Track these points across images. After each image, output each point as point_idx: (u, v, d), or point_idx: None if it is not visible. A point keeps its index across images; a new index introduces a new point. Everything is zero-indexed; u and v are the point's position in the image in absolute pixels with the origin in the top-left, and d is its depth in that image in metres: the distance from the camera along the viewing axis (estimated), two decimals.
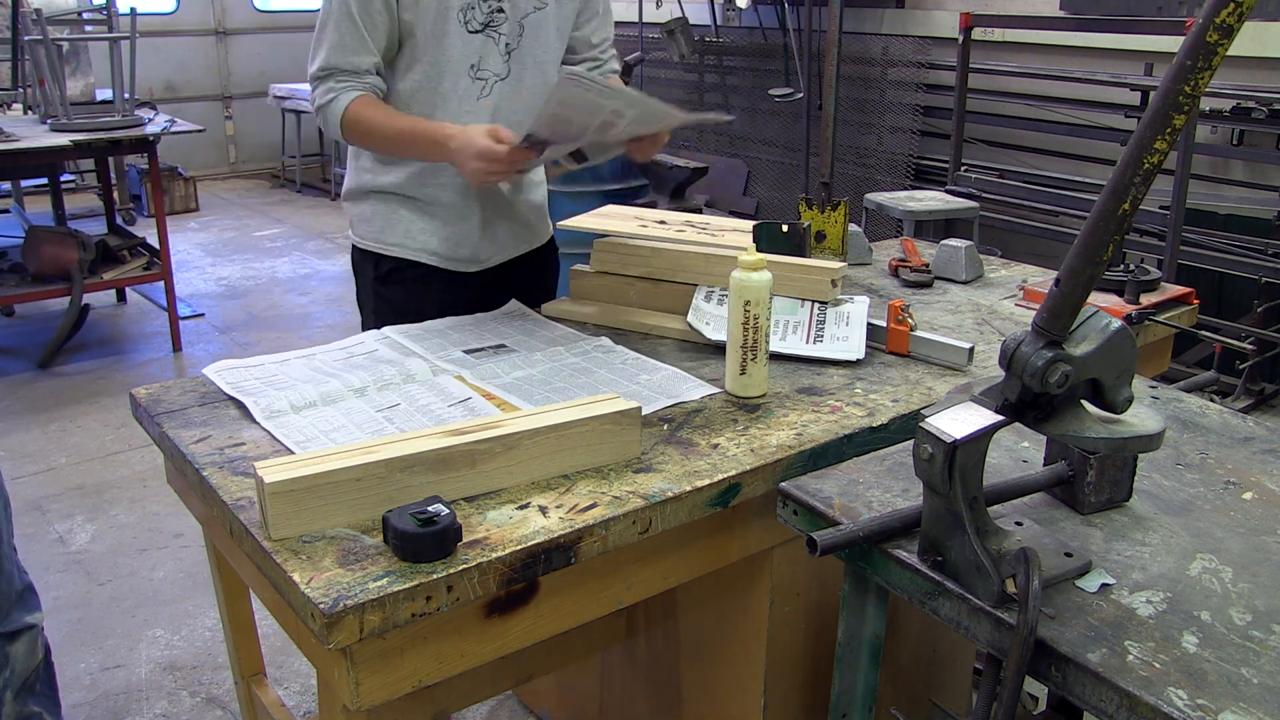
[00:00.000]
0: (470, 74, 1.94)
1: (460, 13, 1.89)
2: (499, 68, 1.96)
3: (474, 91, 1.96)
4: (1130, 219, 0.99)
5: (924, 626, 1.81)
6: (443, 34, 1.90)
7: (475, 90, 1.96)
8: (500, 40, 1.94)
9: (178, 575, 3.02)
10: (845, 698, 1.33)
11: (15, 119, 4.88)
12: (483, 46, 1.93)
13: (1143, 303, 2.11)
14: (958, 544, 1.10)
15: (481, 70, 1.95)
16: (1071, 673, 1.01)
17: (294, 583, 1.16)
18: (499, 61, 1.96)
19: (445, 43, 1.91)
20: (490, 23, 1.92)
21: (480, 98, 1.97)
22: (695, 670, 1.78)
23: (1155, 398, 1.62)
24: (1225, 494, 1.33)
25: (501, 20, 1.93)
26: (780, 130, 6.33)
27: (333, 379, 1.66)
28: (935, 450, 1.07)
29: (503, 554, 1.21)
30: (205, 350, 4.96)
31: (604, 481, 1.38)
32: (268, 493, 1.22)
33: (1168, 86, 0.92)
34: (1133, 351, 1.07)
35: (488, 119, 1.94)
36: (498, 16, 1.92)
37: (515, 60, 1.98)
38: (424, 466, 1.29)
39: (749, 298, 1.59)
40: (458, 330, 1.91)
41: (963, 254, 2.33)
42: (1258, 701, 0.94)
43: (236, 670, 1.94)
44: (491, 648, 1.29)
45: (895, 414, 1.60)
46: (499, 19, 1.93)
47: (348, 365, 1.74)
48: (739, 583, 1.61)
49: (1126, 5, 4.54)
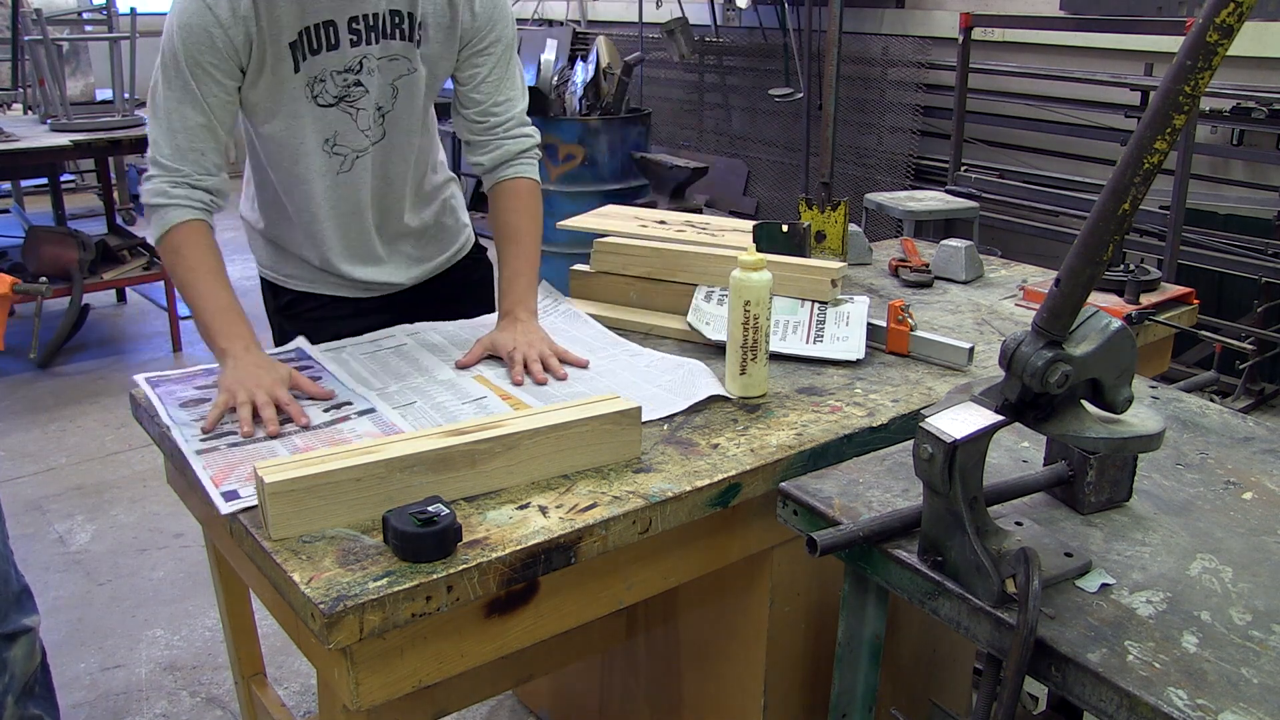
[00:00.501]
0: (325, 149, 1.79)
1: (307, 87, 1.72)
2: (358, 141, 1.81)
3: (333, 166, 1.82)
4: (1130, 219, 0.98)
5: (924, 626, 1.81)
6: (292, 113, 1.74)
7: (334, 165, 1.82)
8: (360, 113, 1.78)
9: (178, 575, 3.02)
10: (845, 698, 1.33)
11: (15, 119, 4.88)
12: (338, 120, 1.77)
13: (1143, 303, 2.11)
14: (958, 544, 1.10)
15: (339, 145, 1.80)
16: (1071, 673, 1.01)
17: (294, 583, 1.16)
18: (358, 135, 1.80)
19: (296, 118, 1.75)
20: (345, 96, 1.75)
21: (340, 172, 1.83)
22: (695, 670, 1.78)
23: (1155, 398, 1.62)
24: (1225, 494, 1.33)
25: (360, 94, 1.76)
26: (780, 130, 6.33)
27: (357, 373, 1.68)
28: (935, 450, 1.07)
29: (503, 554, 1.21)
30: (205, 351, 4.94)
31: (604, 481, 1.38)
32: (268, 493, 1.22)
33: (1168, 86, 0.92)
34: (1133, 351, 1.07)
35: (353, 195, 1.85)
36: (354, 90, 1.75)
37: (390, 123, 1.83)
38: (424, 466, 1.29)
39: (749, 298, 1.59)
40: (488, 327, 1.87)
41: (963, 254, 2.33)
42: (1258, 701, 0.94)
43: (236, 670, 1.94)
44: (491, 648, 1.29)
45: (895, 414, 1.60)
46: (356, 93, 1.76)
47: (374, 359, 1.76)
48: (739, 583, 1.61)
49: (1126, 5, 4.54)
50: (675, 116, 7.04)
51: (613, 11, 7.38)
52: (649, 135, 5.45)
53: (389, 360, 1.76)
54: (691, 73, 6.85)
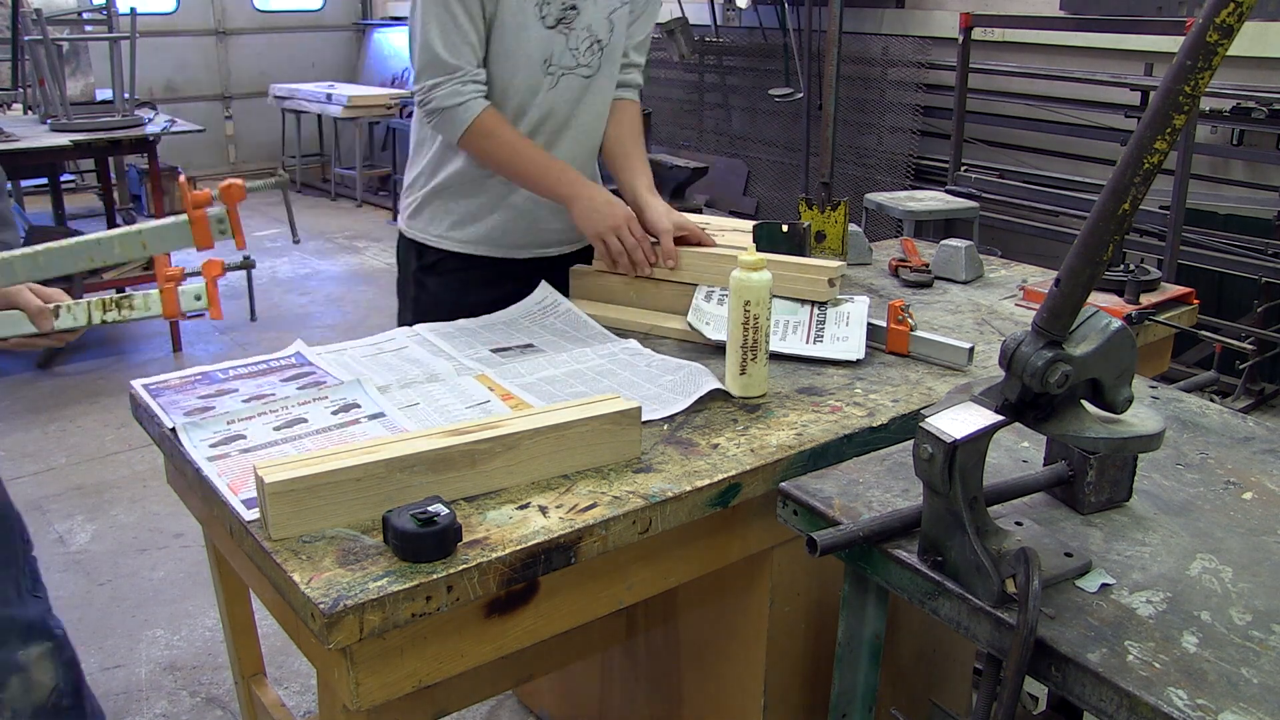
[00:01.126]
0: (543, 69, 1.96)
1: (538, 6, 1.90)
2: (569, 61, 1.97)
3: (546, 85, 1.97)
4: (1130, 219, 0.98)
5: (924, 626, 1.81)
6: (521, 26, 1.91)
7: (548, 84, 1.97)
8: (574, 36, 1.96)
9: (178, 575, 3.02)
10: (845, 698, 1.33)
11: (15, 119, 4.89)
12: (554, 41, 1.94)
13: (1143, 303, 2.11)
14: (958, 544, 1.10)
15: (552, 66, 1.97)
16: (1071, 673, 1.01)
17: (294, 583, 1.16)
18: (569, 56, 1.97)
19: (526, 35, 1.92)
20: (563, 19, 1.93)
21: (549, 90, 1.98)
22: (695, 670, 1.78)
23: (1155, 398, 1.62)
24: (1225, 494, 1.33)
25: (574, 16, 1.94)
26: (780, 130, 6.33)
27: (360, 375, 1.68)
28: (935, 450, 1.07)
29: (503, 554, 1.21)
30: (205, 350, 4.96)
31: (604, 481, 1.38)
32: (268, 493, 1.22)
33: (1168, 86, 0.92)
34: (1133, 351, 1.07)
35: (555, 112, 2.00)
36: (570, 13, 1.93)
37: (607, 57, 2.02)
38: (424, 466, 1.29)
39: (749, 298, 1.59)
40: (488, 329, 1.91)
41: (963, 254, 2.33)
42: (1258, 701, 0.94)
43: (236, 670, 1.94)
44: (491, 648, 1.29)
45: (895, 414, 1.60)
46: (571, 15, 1.94)
47: (376, 362, 1.76)
48: (739, 583, 1.61)
49: (1126, 5, 4.54)
50: (675, 116, 7.04)
51: None
52: (649, 135, 5.45)
53: (391, 362, 1.76)
54: (691, 73, 6.85)
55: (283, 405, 1.56)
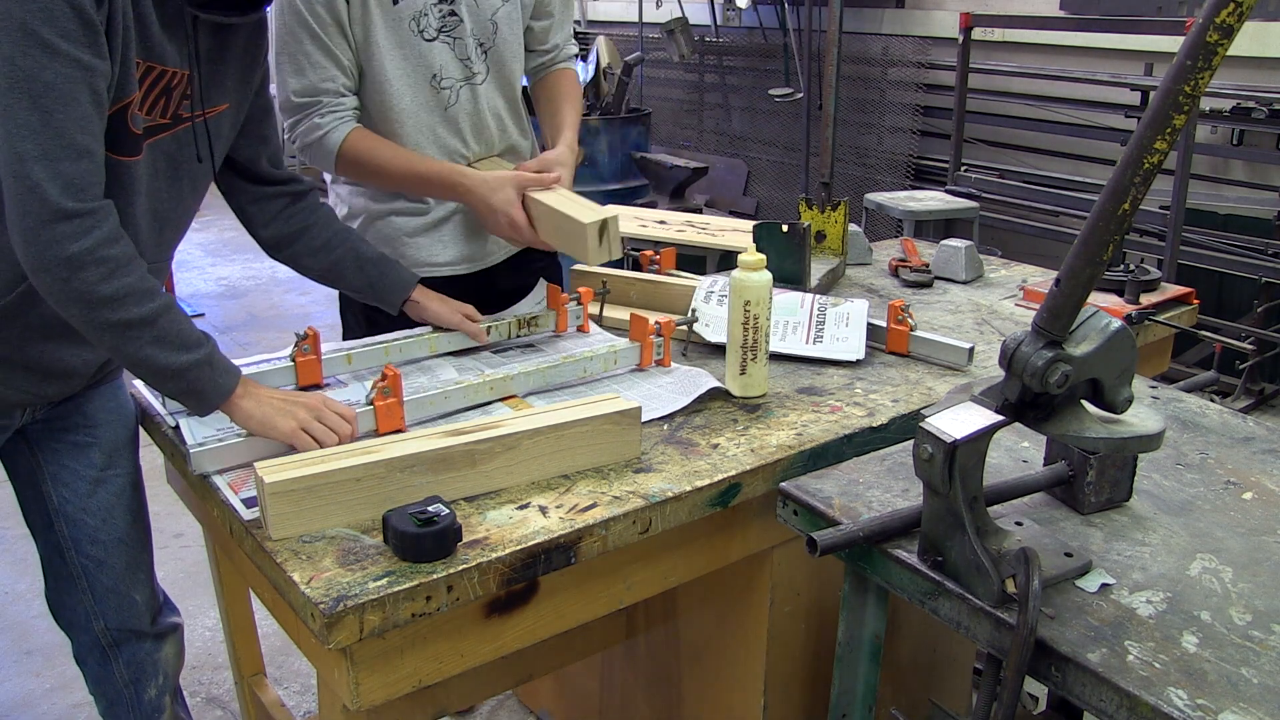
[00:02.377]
0: (432, 85, 1.86)
1: (412, 21, 1.81)
2: (461, 72, 1.88)
3: (441, 102, 1.88)
4: (1130, 219, 0.99)
5: (924, 626, 1.81)
6: (396, 46, 1.81)
7: (442, 100, 1.88)
8: (459, 44, 1.86)
9: (178, 575, 3.01)
10: (845, 698, 1.33)
11: None
12: (440, 53, 1.85)
13: (1143, 303, 2.11)
14: (958, 544, 1.10)
15: (443, 80, 1.87)
16: (1071, 673, 1.01)
17: (294, 583, 1.16)
18: (461, 66, 1.88)
19: (402, 55, 1.82)
20: (444, 28, 1.83)
21: (449, 106, 1.89)
22: (695, 670, 1.78)
23: (1155, 398, 1.62)
24: (1225, 494, 1.33)
25: (455, 24, 1.84)
26: (780, 130, 6.33)
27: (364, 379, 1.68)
28: (935, 450, 1.07)
29: (503, 554, 1.21)
30: None
31: (604, 481, 1.38)
32: (268, 493, 1.22)
33: (1168, 86, 0.92)
34: (1133, 351, 1.07)
35: (455, 127, 1.91)
36: (450, 20, 1.84)
37: (492, 59, 1.92)
38: (424, 466, 1.29)
39: (749, 298, 1.59)
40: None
41: (963, 254, 2.33)
42: (1258, 701, 0.94)
43: (236, 670, 1.94)
44: (491, 648, 1.29)
45: (895, 414, 1.60)
46: (452, 23, 1.84)
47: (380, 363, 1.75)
48: (739, 583, 1.61)
49: (1126, 5, 4.54)
50: (675, 116, 7.04)
51: (613, 11, 7.38)
52: (649, 135, 5.45)
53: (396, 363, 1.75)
54: (691, 73, 6.85)
55: None
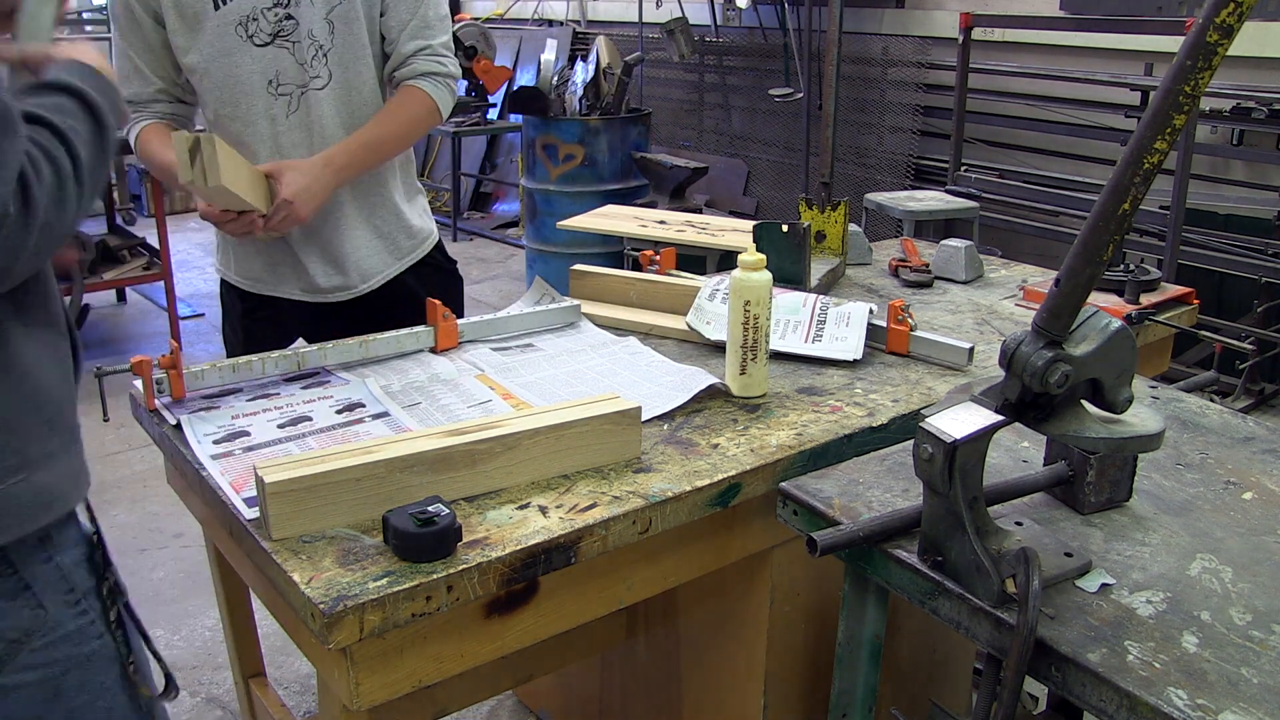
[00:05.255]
0: (270, 90, 1.83)
1: (240, 27, 1.77)
2: (300, 77, 1.83)
3: (281, 109, 1.84)
4: (1130, 219, 0.99)
5: (924, 626, 1.81)
6: (226, 53, 1.79)
7: (282, 107, 1.84)
8: (298, 48, 1.81)
9: (178, 575, 3.02)
10: (845, 698, 1.33)
11: None
12: (276, 59, 1.81)
13: (1143, 303, 2.11)
14: (958, 544, 1.10)
15: (281, 86, 1.83)
16: (1071, 673, 1.01)
17: (294, 583, 1.16)
18: (300, 71, 1.83)
19: (232, 61, 1.80)
20: (279, 32, 1.79)
21: (290, 114, 1.85)
22: (695, 670, 1.78)
23: (1155, 398, 1.62)
24: (1225, 494, 1.33)
25: (293, 27, 1.79)
26: (780, 130, 6.33)
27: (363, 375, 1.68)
28: (935, 450, 1.07)
29: (503, 554, 1.21)
30: (205, 350, 4.96)
31: (604, 481, 1.38)
32: (268, 492, 1.22)
33: (1168, 86, 0.92)
34: (1133, 351, 1.07)
35: (297, 135, 1.86)
36: (286, 24, 1.79)
37: (334, 63, 1.85)
38: (424, 466, 1.29)
39: (749, 298, 1.59)
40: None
41: (963, 254, 2.33)
42: (1258, 701, 0.94)
43: (236, 670, 1.94)
44: (491, 648, 1.29)
45: (895, 414, 1.60)
46: (288, 26, 1.79)
47: (381, 362, 1.76)
48: (739, 583, 1.61)
49: (1126, 5, 4.54)
50: (675, 116, 7.04)
51: (613, 11, 7.38)
52: (649, 135, 5.45)
53: (392, 361, 1.76)
54: (691, 73, 6.85)
55: (287, 403, 1.57)
